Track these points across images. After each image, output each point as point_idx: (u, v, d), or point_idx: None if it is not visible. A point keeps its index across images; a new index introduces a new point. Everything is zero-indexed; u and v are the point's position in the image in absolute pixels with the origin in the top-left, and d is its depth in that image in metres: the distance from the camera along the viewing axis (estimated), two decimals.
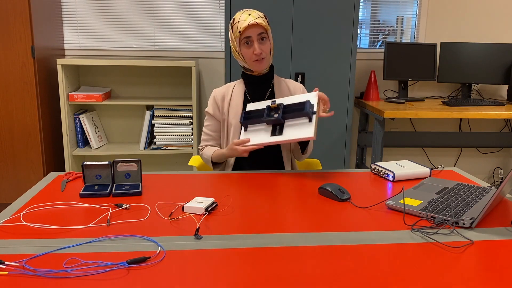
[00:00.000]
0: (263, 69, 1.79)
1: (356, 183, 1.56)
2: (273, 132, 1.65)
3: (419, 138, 3.49)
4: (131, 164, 1.46)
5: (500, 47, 3.28)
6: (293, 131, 1.61)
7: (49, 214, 1.22)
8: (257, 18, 1.70)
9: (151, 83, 3.28)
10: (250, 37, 1.71)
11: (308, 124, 1.60)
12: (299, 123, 1.63)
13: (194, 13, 3.24)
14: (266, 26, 1.73)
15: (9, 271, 0.91)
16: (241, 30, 1.70)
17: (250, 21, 1.69)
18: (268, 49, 1.76)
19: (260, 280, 0.90)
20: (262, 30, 1.72)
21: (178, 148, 3.10)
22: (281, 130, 1.63)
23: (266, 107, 1.69)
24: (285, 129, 1.63)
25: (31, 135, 2.85)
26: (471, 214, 1.23)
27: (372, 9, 3.41)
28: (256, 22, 1.69)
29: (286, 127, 1.64)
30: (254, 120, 1.71)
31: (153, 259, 0.97)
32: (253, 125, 1.72)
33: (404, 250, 1.04)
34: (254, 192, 1.44)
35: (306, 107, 1.61)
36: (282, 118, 1.64)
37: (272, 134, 1.64)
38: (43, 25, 2.87)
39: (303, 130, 1.59)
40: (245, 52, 1.74)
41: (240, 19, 1.72)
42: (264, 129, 1.68)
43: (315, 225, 1.18)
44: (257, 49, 1.71)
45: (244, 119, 1.72)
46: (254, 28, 1.70)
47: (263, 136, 1.66)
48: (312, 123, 1.59)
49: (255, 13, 1.73)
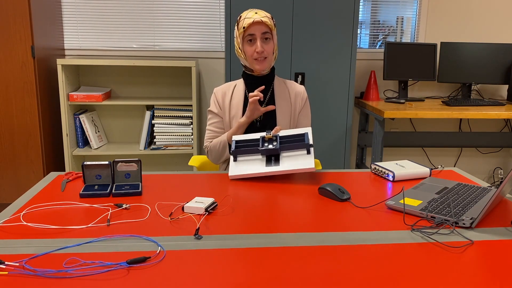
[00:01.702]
0: (264, 69, 1.78)
1: (356, 183, 1.56)
2: (268, 163, 1.57)
3: (419, 138, 3.49)
4: (131, 164, 1.46)
5: (500, 47, 3.28)
6: (291, 162, 1.55)
7: (49, 214, 1.22)
8: (263, 17, 1.71)
9: (151, 83, 3.29)
10: (253, 34, 1.72)
11: (306, 155, 1.56)
12: (296, 154, 1.58)
13: (194, 13, 3.24)
14: (272, 26, 1.73)
15: (9, 271, 0.91)
16: (246, 27, 1.70)
17: (255, 18, 1.70)
18: (271, 49, 1.76)
19: (260, 280, 0.90)
20: (266, 30, 1.72)
21: (178, 148, 3.10)
22: (277, 161, 1.57)
23: (261, 138, 1.63)
24: (282, 160, 1.57)
25: (31, 135, 2.85)
26: (471, 214, 1.23)
27: (372, 9, 3.41)
28: (262, 20, 1.70)
29: (283, 158, 1.58)
30: (246, 149, 1.61)
31: (153, 259, 0.97)
32: (244, 155, 1.63)
33: (404, 250, 1.04)
34: (254, 192, 1.44)
35: (306, 139, 1.59)
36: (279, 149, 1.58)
37: (268, 165, 1.56)
38: (43, 25, 2.86)
39: (302, 161, 1.54)
40: (247, 49, 1.74)
41: (246, 16, 1.72)
42: (258, 160, 1.59)
43: (315, 225, 1.18)
44: (259, 47, 1.71)
45: (234, 148, 1.63)
46: (259, 26, 1.71)
47: (257, 166, 1.56)
48: (311, 154, 1.56)
49: (262, 12, 1.74)
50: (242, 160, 1.61)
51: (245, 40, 1.73)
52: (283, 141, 1.64)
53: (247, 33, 1.72)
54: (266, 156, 1.61)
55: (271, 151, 1.59)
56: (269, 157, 1.60)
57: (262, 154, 1.60)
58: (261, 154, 1.61)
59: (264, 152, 1.59)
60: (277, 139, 1.61)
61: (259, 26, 1.71)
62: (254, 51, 1.73)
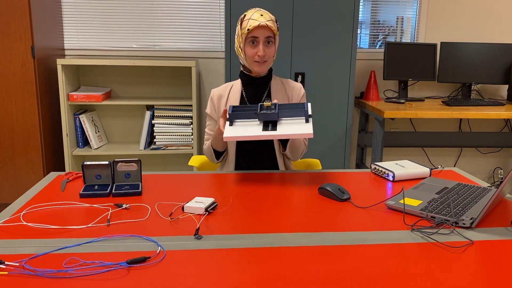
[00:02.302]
0: (262, 72, 1.78)
1: (356, 183, 1.56)
2: (265, 128, 1.53)
3: (419, 138, 3.49)
4: (131, 164, 1.46)
5: (500, 47, 3.28)
6: (289, 127, 1.52)
7: (49, 214, 1.22)
8: (268, 21, 1.69)
9: (151, 83, 3.28)
10: (257, 37, 1.70)
11: (305, 124, 1.53)
12: (294, 122, 1.55)
13: (194, 13, 3.24)
14: (275, 31, 1.72)
15: (9, 271, 0.91)
16: (250, 29, 1.68)
17: (261, 21, 1.68)
18: (272, 53, 1.75)
19: (260, 280, 0.90)
20: (270, 34, 1.71)
21: (178, 148, 3.10)
22: (274, 127, 1.53)
23: (259, 105, 1.59)
24: (280, 126, 1.53)
25: (31, 135, 2.85)
26: (471, 214, 1.23)
27: (372, 9, 3.41)
28: (267, 25, 1.68)
29: (280, 125, 1.54)
30: (243, 114, 1.58)
31: (153, 259, 0.97)
32: (241, 120, 1.59)
33: (404, 250, 1.04)
34: (254, 192, 1.44)
35: (306, 107, 1.57)
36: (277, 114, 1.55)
37: (264, 130, 1.51)
38: (43, 25, 2.86)
39: (301, 127, 1.51)
40: (248, 51, 1.73)
41: (251, 17, 1.70)
42: (255, 125, 1.55)
43: (315, 225, 1.18)
44: (261, 51, 1.70)
45: (232, 111, 1.59)
46: (264, 30, 1.70)
47: (254, 129, 1.52)
48: (310, 123, 1.53)
49: (267, 15, 1.72)
50: (238, 125, 1.56)
51: (247, 41, 1.72)
52: (282, 108, 1.59)
53: (251, 35, 1.70)
54: (263, 122, 1.57)
55: (269, 116, 1.55)
56: (266, 123, 1.56)
57: (259, 119, 1.56)
58: (259, 119, 1.57)
59: (262, 116, 1.55)
60: (276, 107, 1.57)
61: (263, 30, 1.70)
62: (255, 53, 1.72)
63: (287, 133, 1.49)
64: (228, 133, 1.51)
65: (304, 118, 1.56)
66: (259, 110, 1.57)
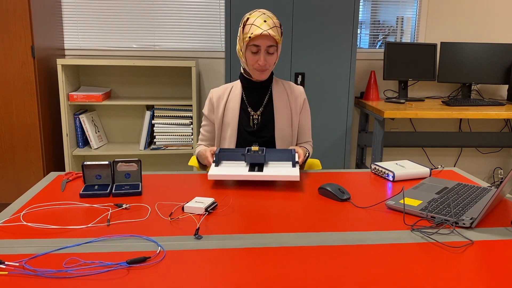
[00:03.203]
0: (262, 79, 1.77)
1: (356, 183, 1.56)
2: (251, 169, 1.53)
3: (419, 138, 3.49)
4: (131, 164, 1.46)
5: (500, 47, 3.28)
6: (275, 169, 1.52)
7: (49, 214, 1.22)
8: (271, 29, 1.63)
9: (151, 83, 3.28)
10: (258, 46, 1.66)
11: (291, 168, 1.53)
12: (280, 165, 1.56)
13: (194, 13, 3.24)
14: (278, 39, 1.66)
15: (9, 271, 0.91)
16: (252, 37, 1.63)
17: (264, 30, 1.62)
18: (274, 61, 1.72)
19: (260, 280, 0.90)
20: (272, 43, 1.67)
21: (178, 148, 3.10)
22: (261, 169, 1.53)
23: (246, 149, 1.60)
24: (266, 168, 1.54)
25: (31, 135, 2.85)
26: (471, 214, 1.23)
27: (372, 9, 3.41)
28: (269, 34, 1.63)
29: (267, 167, 1.55)
30: (230, 156, 1.60)
31: (153, 259, 0.97)
32: (227, 162, 1.61)
33: (404, 250, 1.04)
34: (254, 192, 1.44)
35: (293, 153, 1.57)
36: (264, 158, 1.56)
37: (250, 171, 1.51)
38: (43, 25, 2.86)
39: (287, 170, 1.51)
40: (249, 57, 1.70)
41: (254, 23, 1.64)
42: (241, 166, 1.56)
43: (315, 225, 1.18)
44: (262, 61, 1.67)
45: (219, 152, 1.59)
46: (266, 39, 1.65)
47: (240, 170, 1.52)
48: (297, 168, 1.53)
49: (270, 20, 1.66)
50: (224, 165, 1.57)
51: (249, 48, 1.68)
52: (269, 153, 1.61)
53: (252, 43, 1.65)
54: (250, 164, 1.58)
55: (256, 158, 1.56)
56: (253, 166, 1.56)
57: (246, 161, 1.58)
58: (246, 161, 1.58)
59: (249, 158, 1.57)
60: (263, 151, 1.59)
61: (265, 39, 1.65)
62: (256, 61, 1.68)
63: (273, 174, 1.48)
64: (213, 172, 1.49)
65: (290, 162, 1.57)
66: (246, 151, 1.58)
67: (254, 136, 1.81)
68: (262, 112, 1.81)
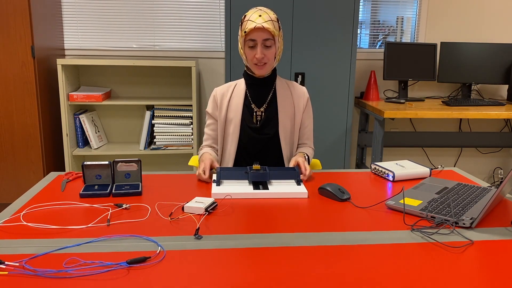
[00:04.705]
0: (263, 74, 1.77)
1: (356, 183, 1.56)
2: (256, 187, 1.46)
3: (419, 138, 3.49)
4: (131, 164, 1.46)
5: (500, 47, 3.28)
6: (281, 187, 1.46)
7: (49, 214, 1.22)
8: (265, 22, 1.64)
9: (151, 83, 3.28)
10: (254, 40, 1.67)
11: (296, 186, 1.47)
12: (286, 183, 1.50)
13: (194, 13, 3.24)
14: (274, 32, 1.66)
15: (9, 271, 0.91)
16: (247, 31, 1.65)
17: (257, 24, 1.63)
18: (272, 54, 1.72)
19: (260, 280, 0.90)
20: (268, 36, 1.67)
21: (178, 148, 3.10)
22: (265, 187, 1.46)
23: (248, 167, 1.53)
24: (271, 186, 1.47)
25: (31, 135, 2.85)
26: (471, 214, 1.23)
27: (372, 9, 3.41)
28: (263, 26, 1.63)
29: (271, 185, 1.48)
30: (232, 174, 1.53)
31: (153, 259, 0.97)
32: (229, 181, 1.52)
33: (404, 250, 1.04)
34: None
35: (297, 171, 1.53)
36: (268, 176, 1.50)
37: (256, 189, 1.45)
38: (43, 25, 2.86)
39: (294, 187, 1.45)
40: (248, 53, 1.71)
41: (249, 18, 1.66)
42: (244, 185, 1.49)
43: (315, 225, 1.18)
44: (259, 54, 1.67)
45: (220, 170, 1.53)
46: (261, 32, 1.65)
47: (244, 188, 1.45)
48: (302, 186, 1.48)
49: (266, 15, 1.67)
50: (226, 184, 1.49)
51: (246, 44, 1.69)
52: (272, 171, 1.54)
53: (248, 38, 1.67)
54: (253, 183, 1.51)
55: (260, 176, 1.50)
56: (256, 185, 1.49)
57: (249, 179, 1.51)
58: (248, 179, 1.51)
59: (252, 176, 1.50)
60: (265, 169, 1.52)
61: (260, 32, 1.65)
62: (253, 56, 1.69)
63: (280, 191, 1.42)
64: (216, 190, 1.42)
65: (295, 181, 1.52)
66: (249, 170, 1.52)
67: (257, 133, 1.80)
68: (266, 109, 1.81)
